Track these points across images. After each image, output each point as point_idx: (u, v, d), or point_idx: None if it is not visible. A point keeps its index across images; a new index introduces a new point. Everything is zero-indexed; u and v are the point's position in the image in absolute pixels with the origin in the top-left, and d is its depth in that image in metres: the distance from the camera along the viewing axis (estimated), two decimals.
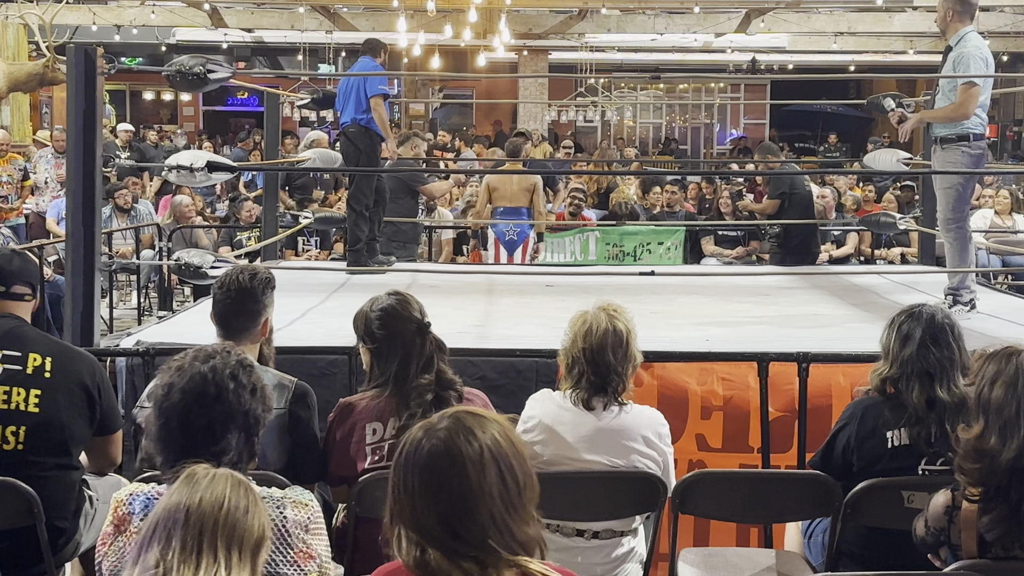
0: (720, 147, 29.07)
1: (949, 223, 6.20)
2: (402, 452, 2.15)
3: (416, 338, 3.55)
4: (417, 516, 2.10)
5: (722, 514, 3.98)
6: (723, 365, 4.84)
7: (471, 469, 2.08)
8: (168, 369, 2.69)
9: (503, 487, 2.10)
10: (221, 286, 3.71)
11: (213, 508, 2.17)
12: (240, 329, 3.65)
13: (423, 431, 2.15)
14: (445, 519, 2.06)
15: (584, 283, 7.52)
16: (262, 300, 3.70)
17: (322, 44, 21.30)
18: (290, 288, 7.21)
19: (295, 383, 3.63)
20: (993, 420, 2.85)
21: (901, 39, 22.47)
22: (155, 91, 28.26)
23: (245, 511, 2.20)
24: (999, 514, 2.81)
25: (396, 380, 3.53)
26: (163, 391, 2.64)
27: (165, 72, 5.87)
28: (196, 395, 2.61)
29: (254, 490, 2.29)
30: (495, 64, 22.71)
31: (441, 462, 2.10)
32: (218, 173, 5.90)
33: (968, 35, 6.09)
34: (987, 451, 2.83)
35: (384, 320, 3.59)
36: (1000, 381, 2.88)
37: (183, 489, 2.21)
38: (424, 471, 2.10)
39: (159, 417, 2.62)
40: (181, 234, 10.84)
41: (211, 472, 2.25)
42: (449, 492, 2.07)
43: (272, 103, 8.74)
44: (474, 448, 2.10)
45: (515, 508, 2.11)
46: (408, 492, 2.11)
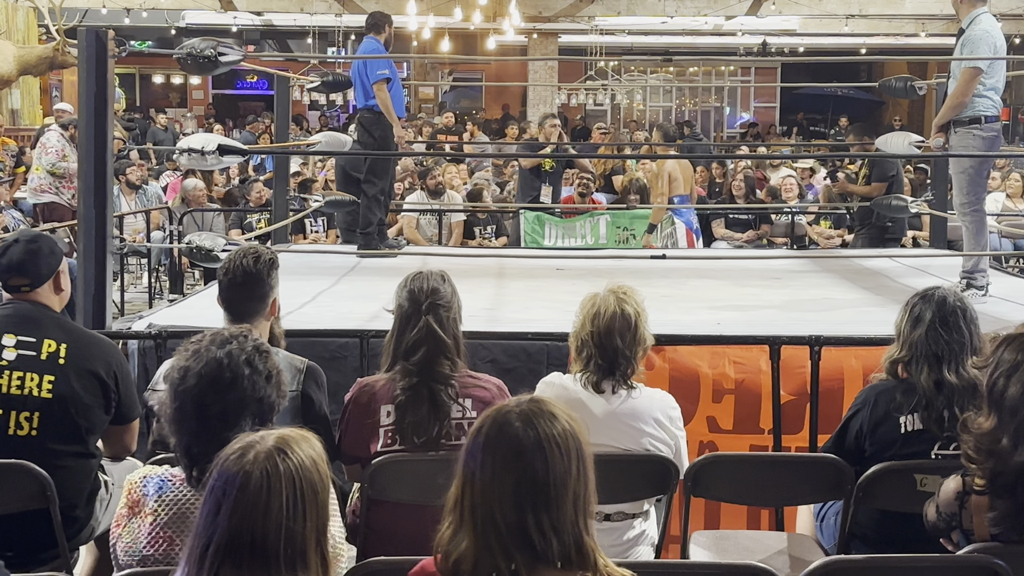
0: (730, 130, 28.97)
1: (964, 207, 6.18)
2: (478, 435, 2.14)
3: (417, 315, 3.52)
4: (492, 504, 2.07)
5: (734, 497, 3.98)
6: (735, 348, 4.83)
7: (552, 451, 2.08)
8: (185, 352, 2.68)
9: (582, 482, 2.11)
10: (226, 271, 3.72)
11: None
12: (249, 312, 3.66)
13: (500, 414, 2.14)
14: (523, 510, 2.05)
15: (595, 267, 7.51)
16: (268, 281, 3.71)
17: (332, 27, 21.27)
18: (300, 272, 7.22)
19: (306, 364, 3.66)
20: (1007, 420, 2.79)
21: (913, 22, 22.35)
22: (164, 74, 28.27)
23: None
24: (1005, 510, 2.79)
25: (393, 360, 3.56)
26: (179, 374, 2.64)
27: (176, 55, 5.86)
28: (211, 380, 2.61)
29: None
30: (505, 47, 22.68)
31: (523, 442, 2.09)
32: (229, 156, 5.90)
33: (980, 17, 6.06)
34: (998, 451, 2.79)
35: (409, 292, 3.58)
36: (1017, 377, 2.80)
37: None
38: (506, 454, 2.09)
39: (174, 400, 2.62)
40: (192, 217, 10.85)
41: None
42: (532, 474, 2.07)
43: (282, 86, 8.73)
44: (556, 430, 2.11)
45: (588, 511, 2.12)
46: (484, 479, 2.09)
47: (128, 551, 2.59)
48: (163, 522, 2.58)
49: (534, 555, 2.06)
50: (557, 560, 2.07)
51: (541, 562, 2.06)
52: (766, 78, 28.32)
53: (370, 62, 7.89)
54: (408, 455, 3.47)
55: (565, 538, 2.06)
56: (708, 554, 3.71)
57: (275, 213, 8.60)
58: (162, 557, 2.55)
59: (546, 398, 2.21)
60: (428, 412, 3.45)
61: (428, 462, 3.49)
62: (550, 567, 2.06)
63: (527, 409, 2.14)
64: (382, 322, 3.95)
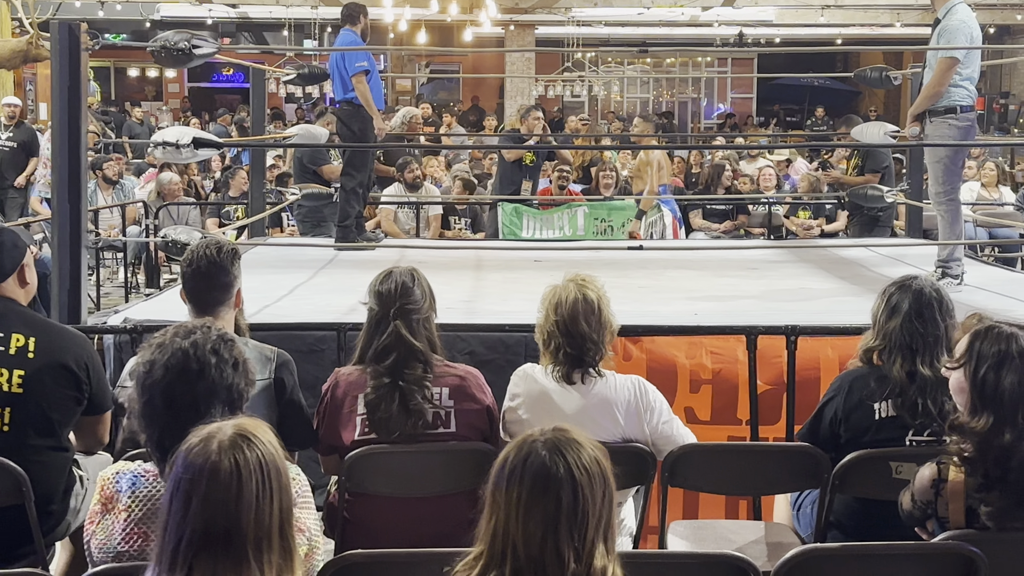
0: (707, 121, 29.02)
1: (940, 196, 6.21)
2: (505, 465, 2.16)
3: (385, 319, 3.54)
4: (515, 531, 2.10)
5: (711, 487, 3.99)
6: (712, 339, 4.85)
7: (581, 479, 2.11)
8: (149, 347, 2.68)
9: (607, 509, 2.14)
10: (189, 263, 3.71)
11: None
12: (215, 303, 3.66)
13: (525, 444, 2.17)
14: (546, 537, 2.07)
15: (572, 258, 7.50)
16: (231, 271, 3.71)
17: (308, 19, 21.18)
18: (278, 265, 7.20)
19: (276, 352, 3.67)
20: (1008, 414, 2.81)
21: (888, 12, 22.45)
22: (140, 68, 28.09)
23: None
24: (1005, 504, 2.81)
25: (362, 357, 3.58)
26: (145, 369, 2.63)
27: (150, 48, 5.83)
28: (179, 371, 2.60)
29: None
30: (481, 39, 22.62)
31: (551, 472, 2.11)
32: (204, 149, 5.87)
33: (956, 7, 6.07)
34: (1002, 446, 2.81)
35: (374, 293, 3.61)
36: (1008, 368, 2.83)
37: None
38: (534, 484, 2.11)
39: (142, 395, 2.61)
40: (168, 211, 10.80)
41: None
42: (558, 503, 2.09)
43: (258, 79, 8.70)
44: (583, 459, 2.14)
45: (612, 536, 2.15)
46: (510, 509, 2.11)
47: (102, 547, 2.57)
48: (137, 518, 2.57)
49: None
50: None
51: None
52: (743, 69, 28.37)
53: (348, 55, 7.82)
54: (385, 447, 3.47)
55: (582, 564, 2.09)
56: (686, 543, 3.72)
57: (252, 206, 8.57)
58: (137, 553, 2.54)
59: (569, 426, 2.23)
60: (398, 410, 3.46)
61: (405, 454, 3.49)
62: None
63: (553, 438, 2.17)
64: (359, 315, 3.94)
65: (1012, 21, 22.40)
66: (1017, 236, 10.44)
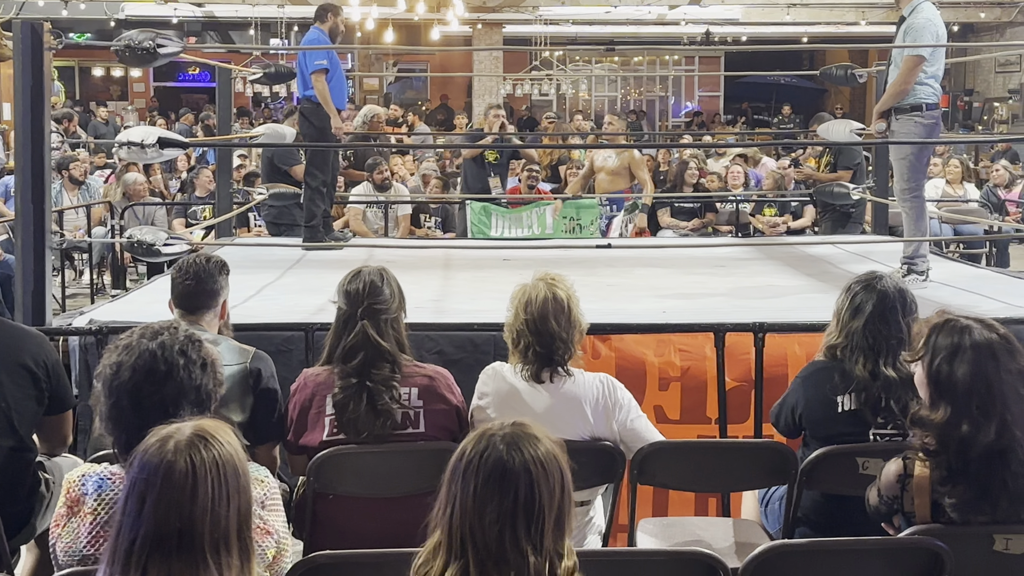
0: (675, 119, 29.10)
1: (905, 192, 6.25)
2: (462, 458, 2.18)
3: (353, 319, 3.55)
4: (473, 525, 2.12)
5: (680, 484, 4.00)
6: (680, 336, 4.86)
7: (537, 473, 2.14)
8: (115, 348, 2.66)
9: (565, 503, 2.17)
10: (180, 270, 3.82)
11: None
12: (201, 307, 3.77)
13: (483, 438, 2.19)
14: (503, 530, 2.10)
15: (541, 256, 7.52)
16: (219, 280, 3.83)
17: (275, 18, 21.09)
18: (245, 265, 7.15)
19: (254, 349, 3.74)
20: (962, 404, 2.82)
21: (853, 10, 22.57)
22: (104, 67, 27.86)
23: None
24: (968, 496, 2.82)
25: (330, 357, 3.60)
26: (111, 371, 2.61)
27: (114, 47, 5.77)
28: (146, 373, 2.58)
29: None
30: (449, 38, 22.59)
31: (507, 466, 2.14)
32: (170, 149, 5.82)
33: (922, 5, 6.11)
34: (960, 438, 2.82)
35: (342, 292, 3.62)
36: (961, 360, 2.84)
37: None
38: (490, 478, 2.14)
39: (109, 396, 2.59)
40: (133, 212, 10.72)
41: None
42: (515, 497, 2.12)
43: (224, 78, 8.64)
44: (540, 453, 2.16)
45: (568, 531, 2.17)
46: (466, 502, 2.14)
47: (68, 551, 2.55)
48: (103, 521, 2.55)
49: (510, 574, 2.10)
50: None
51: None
52: (710, 67, 28.45)
53: (309, 52, 7.83)
54: (353, 448, 3.46)
55: (542, 558, 2.12)
56: (655, 541, 3.73)
57: (219, 206, 8.52)
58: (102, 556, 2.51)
59: (528, 421, 2.25)
60: (366, 411, 3.46)
61: (373, 455, 3.49)
62: None
63: (511, 432, 2.20)
64: (328, 315, 3.94)
65: (975, 19, 22.59)
66: (981, 232, 10.53)
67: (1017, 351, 2.86)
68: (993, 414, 2.80)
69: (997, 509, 2.81)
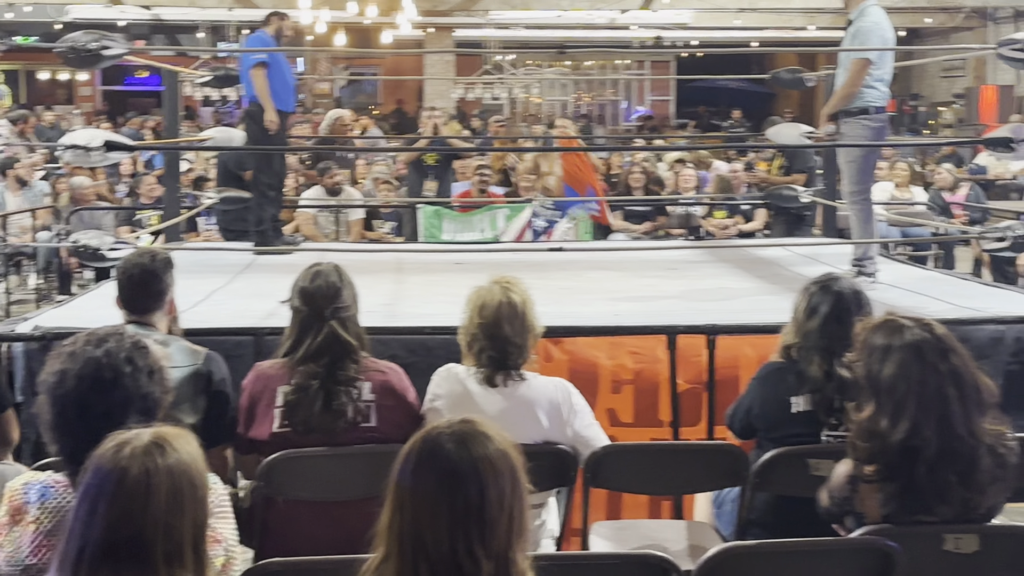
0: (627, 124, 29.21)
1: (853, 195, 6.30)
2: (409, 457, 2.09)
3: (318, 320, 3.55)
4: (423, 529, 2.03)
5: (633, 487, 4.01)
6: (632, 339, 4.87)
7: (488, 473, 2.05)
8: (59, 356, 2.60)
9: (517, 503, 2.08)
10: (124, 271, 3.77)
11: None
12: (149, 309, 3.74)
13: (431, 436, 2.10)
14: (456, 535, 2.01)
15: (493, 259, 7.49)
16: (165, 280, 3.80)
17: (224, 22, 20.93)
18: (194, 270, 7.06)
19: (206, 350, 3.74)
20: (885, 401, 2.85)
21: (802, 15, 22.81)
22: (51, 70, 27.52)
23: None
24: (891, 491, 2.84)
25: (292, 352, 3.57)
26: (55, 379, 2.55)
27: (58, 49, 5.70)
28: (92, 381, 2.53)
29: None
30: (400, 41, 22.54)
31: (457, 466, 2.05)
32: (115, 152, 5.75)
33: (869, 9, 6.17)
34: (878, 432, 2.84)
35: (301, 292, 3.62)
36: (889, 360, 2.86)
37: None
38: (439, 477, 2.05)
39: (54, 406, 2.53)
40: (79, 216, 10.57)
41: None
42: (466, 498, 2.02)
43: (171, 81, 8.54)
44: (490, 451, 2.07)
45: (522, 533, 2.08)
46: (415, 503, 2.05)
47: (10, 560, 2.49)
48: (46, 530, 2.49)
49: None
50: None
51: None
52: (661, 71, 28.61)
53: (253, 52, 7.83)
54: (305, 451, 3.43)
55: (496, 563, 2.03)
56: (608, 544, 3.72)
57: (167, 211, 8.43)
58: (46, 566, 2.45)
59: (477, 418, 2.16)
60: (321, 409, 3.46)
61: (325, 458, 3.46)
62: None
63: (460, 430, 2.10)
64: (277, 319, 3.91)
65: (921, 24, 22.90)
66: (929, 235, 10.65)
67: (951, 351, 2.87)
68: (905, 413, 2.80)
69: (945, 508, 2.82)
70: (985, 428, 2.82)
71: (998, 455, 2.82)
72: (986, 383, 2.89)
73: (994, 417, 2.88)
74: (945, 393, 2.81)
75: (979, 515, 2.84)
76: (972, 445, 2.79)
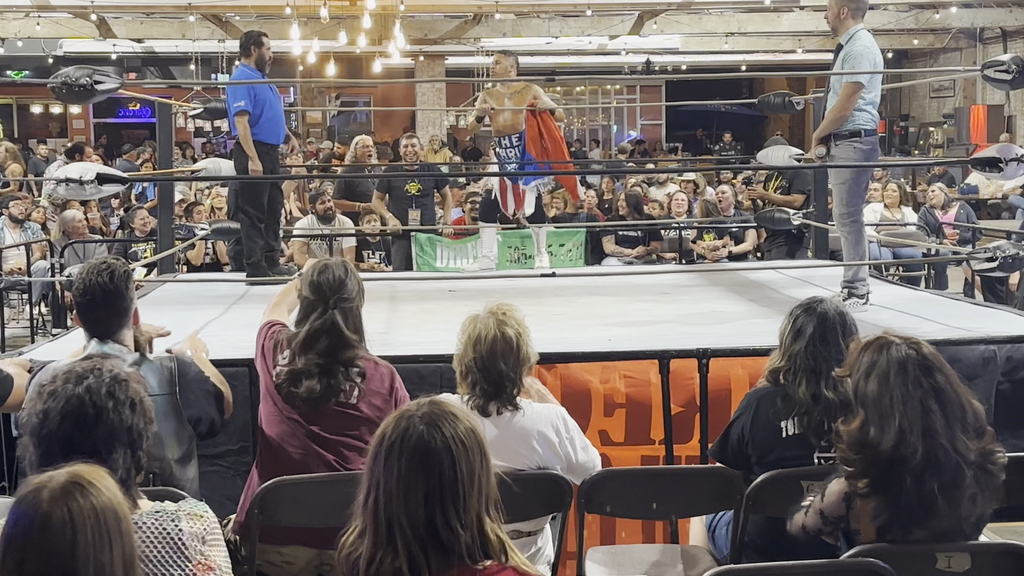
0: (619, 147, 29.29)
1: (844, 217, 6.32)
2: (383, 440, 2.20)
3: (322, 307, 3.76)
4: (399, 511, 2.14)
5: (627, 512, 4.01)
6: (625, 363, 4.88)
7: (458, 450, 2.17)
8: (40, 395, 2.59)
9: (486, 477, 2.21)
10: (83, 291, 3.64)
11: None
12: (115, 328, 3.66)
13: (403, 419, 2.21)
14: (432, 510, 2.12)
15: (486, 287, 7.51)
16: (128, 296, 3.69)
17: (214, 53, 21.00)
18: (188, 301, 7.10)
19: (172, 360, 3.72)
20: (871, 412, 2.91)
21: (790, 38, 22.93)
22: (43, 104, 27.61)
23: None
24: (882, 501, 2.87)
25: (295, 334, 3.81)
26: (39, 419, 2.54)
27: (50, 84, 5.72)
28: (75, 419, 2.52)
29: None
30: (391, 70, 22.65)
31: (429, 445, 2.17)
32: (109, 185, 5.77)
33: (858, 33, 6.20)
34: (867, 442, 2.89)
35: (309, 283, 3.82)
36: (874, 374, 2.94)
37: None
38: (413, 458, 2.16)
39: (39, 445, 2.52)
40: (73, 249, 10.59)
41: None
42: (440, 474, 2.15)
43: (164, 114, 8.59)
44: (459, 430, 2.20)
45: (492, 502, 2.21)
46: (390, 484, 2.15)
47: None
48: None
49: (443, 552, 2.14)
50: (465, 554, 2.15)
51: (450, 557, 2.14)
52: (651, 96, 28.75)
53: (230, 92, 7.68)
54: (298, 478, 3.46)
55: (472, 532, 2.16)
56: (603, 570, 3.73)
57: (160, 242, 8.45)
58: None
59: (444, 399, 2.29)
60: (308, 386, 3.68)
61: (317, 484, 3.48)
62: (459, 561, 2.14)
63: (429, 412, 2.22)
64: None
65: (909, 46, 23.03)
66: (920, 255, 10.69)
67: (935, 369, 2.93)
68: (891, 422, 2.87)
69: (935, 521, 2.85)
70: (970, 446, 2.87)
71: (985, 471, 2.87)
72: (974, 405, 2.95)
73: (986, 438, 2.92)
74: (928, 406, 2.88)
75: (968, 526, 2.87)
76: (955, 460, 2.84)
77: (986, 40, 22.05)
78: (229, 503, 4.08)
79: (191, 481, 3.60)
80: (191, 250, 9.77)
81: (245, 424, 4.68)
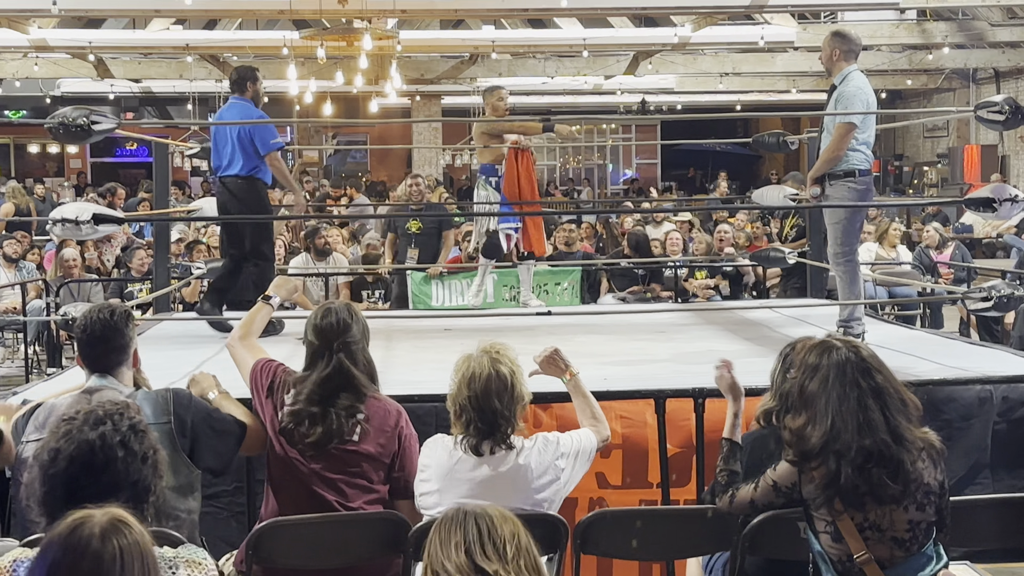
0: (614, 187, 29.42)
1: (839, 256, 6.33)
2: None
3: (327, 352, 3.78)
4: None
5: (623, 553, 3.99)
6: (621, 403, 4.86)
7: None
8: (55, 433, 2.59)
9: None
10: (84, 329, 3.72)
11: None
12: (114, 365, 3.70)
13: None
14: None
15: (482, 325, 7.51)
16: (126, 333, 3.75)
17: (212, 93, 21.09)
18: (183, 340, 7.08)
19: (169, 393, 3.71)
20: (809, 411, 3.23)
21: (784, 78, 23.08)
22: (40, 144, 27.69)
23: None
24: (824, 476, 3.17)
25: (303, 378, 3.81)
26: (49, 456, 2.54)
27: (48, 124, 5.74)
28: (83, 464, 2.53)
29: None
30: (388, 110, 22.75)
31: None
32: (105, 225, 5.77)
33: (852, 74, 6.24)
34: (803, 436, 3.22)
35: (313, 328, 3.86)
36: (817, 376, 3.25)
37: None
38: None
39: (44, 484, 2.52)
40: (68, 288, 10.58)
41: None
42: None
43: (161, 153, 8.61)
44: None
45: None
46: None
47: None
48: None
49: None
50: None
51: None
52: (646, 135, 28.89)
53: (257, 130, 7.22)
54: (294, 519, 3.45)
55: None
56: None
57: (156, 281, 8.44)
58: None
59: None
60: (320, 431, 3.67)
61: (315, 525, 3.47)
62: None
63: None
64: None
65: (903, 86, 23.17)
66: (915, 294, 10.70)
67: (874, 370, 3.25)
68: (823, 421, 3.18)
69: (887, 498, 3.14)
70: (916, 433, 3.23)
71: (932, 446, 3.24)
72: (913, 399, 3.30)
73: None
74: (866, 405, 3.19)
75: (928, 489, 3.19)
76: (899, 449, 3.16)
77: (979, 80, 22.19)
78: (223, 544, 4.06)
79: (189, 513, 3.58)
80: (186, 287, 9.76)
81: (240, 465, 4.65)
